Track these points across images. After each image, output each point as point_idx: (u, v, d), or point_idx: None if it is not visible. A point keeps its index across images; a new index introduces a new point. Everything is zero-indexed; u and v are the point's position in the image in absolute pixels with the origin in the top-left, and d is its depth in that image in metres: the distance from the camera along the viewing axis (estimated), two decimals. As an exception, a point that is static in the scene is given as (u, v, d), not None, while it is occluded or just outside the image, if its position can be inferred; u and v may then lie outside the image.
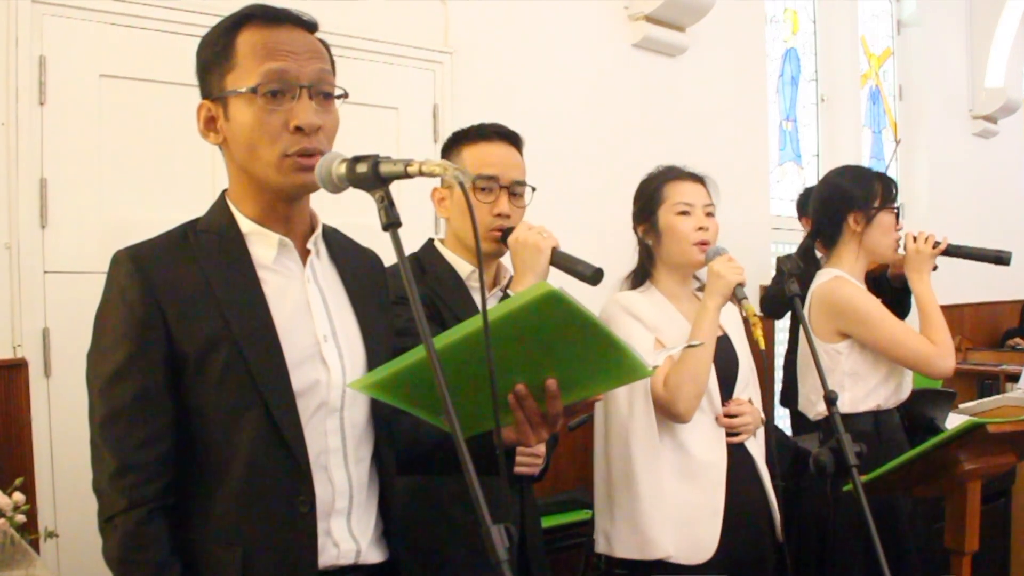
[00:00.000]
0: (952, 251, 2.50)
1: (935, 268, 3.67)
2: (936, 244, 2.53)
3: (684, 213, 2.19)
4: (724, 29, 4.54)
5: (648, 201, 2.25)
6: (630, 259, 2.37)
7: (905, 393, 2.50)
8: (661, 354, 1.92)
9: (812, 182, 5.77)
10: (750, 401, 2.26)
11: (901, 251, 2.59)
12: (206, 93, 1.34)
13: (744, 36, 4.80)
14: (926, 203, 6.15)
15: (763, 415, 2.26)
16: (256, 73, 1.27)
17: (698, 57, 4.41)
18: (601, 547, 2.19)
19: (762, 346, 2.05)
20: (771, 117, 5.27)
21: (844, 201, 2.56)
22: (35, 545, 2.08)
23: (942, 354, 2.40)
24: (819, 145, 5.86)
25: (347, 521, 1.35)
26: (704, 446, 2.15)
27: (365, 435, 1.40)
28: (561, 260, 1.89)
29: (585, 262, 1.87)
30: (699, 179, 2.26)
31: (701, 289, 2.30)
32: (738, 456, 2.19)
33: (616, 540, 2.15)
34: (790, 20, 5.65)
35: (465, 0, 3.52)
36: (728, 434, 2.18)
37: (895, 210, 2.51)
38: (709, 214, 2.22)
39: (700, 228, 2.19)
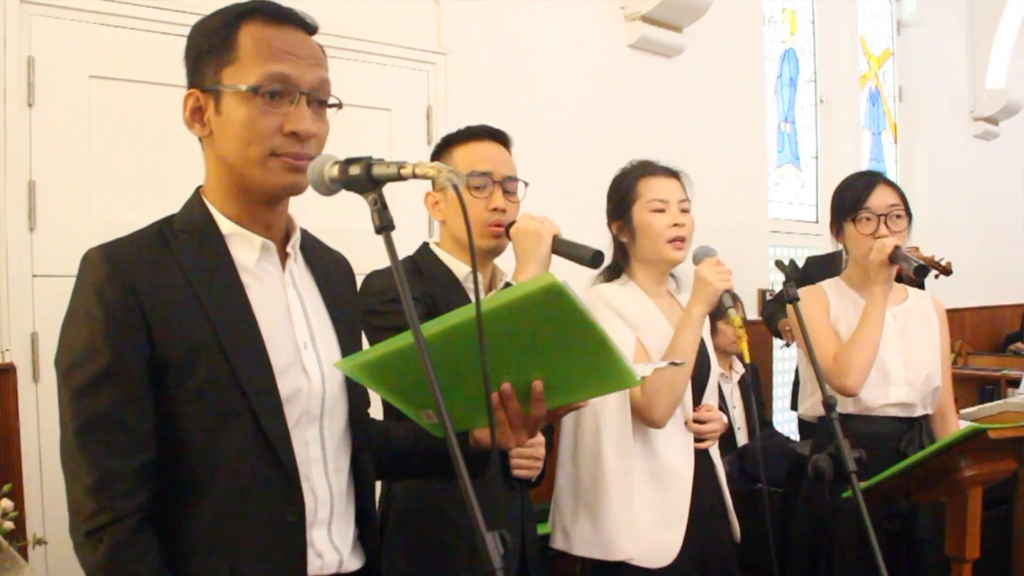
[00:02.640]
0: (894, 256, 2.41)
1: (948, 272, 3.63)
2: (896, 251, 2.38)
3: (658, 210, 2.14)
4: (722, 29, 4.52)
5: (622, 198, 2.20)
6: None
7: (876, 401, 2.39)
8: (649, 367, 1.90)
9: (811, 184, 5.75)
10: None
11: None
12: (197, 82, 1.28)
13: (742, 37, 4.78)
14: (926, 206, 6.12)
15: (726, 420, 2.26)
16: (258, 72, 1.23)
17: (695, 58, 4.39)
18: (559, 543, 2.16)
19: (747, 359, 2.01)
20: (769, 119, 5.26)
21: (832, 219, 2.57)
22: (23, 552, 2.06)
23: (838, 372, 2.32)
24: (818, 147, 5.84)
25: (328, 531, 1.33)
26: (673, 451, 2.12)
27: (343, 443, 1.38)
28: (562, 247, 1.89)
29: (585, 246, 1.87)
30: (673, 174, 2.21)
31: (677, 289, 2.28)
32: (701, 461, 2.18)
33: (576, 538, 2.12)
34: (788, 20, 5.63)
35: (459, 0, 3.49)
36: (695, 439, 2.17)
37: (855, 219, 2.44)
38: (684, 210, 2.16)
39: (675, 224, 2.14)
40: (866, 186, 2.47)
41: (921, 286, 3.85)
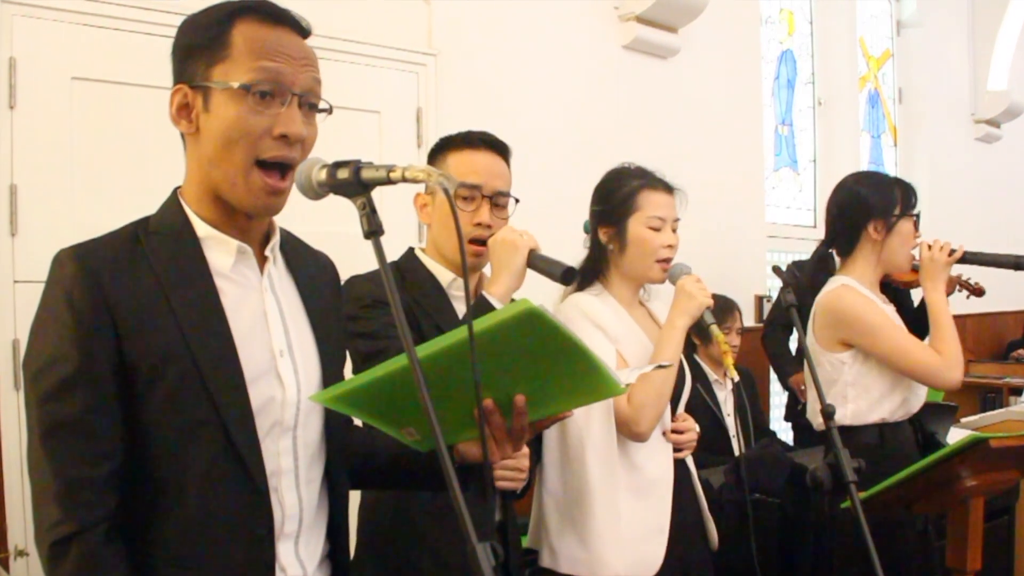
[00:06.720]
0: (969, 258, 2.44)
1: (981, 294, 3.63)
2: (952, 252, 2.48)
3: (656, 228, 2.12)
4: (718, 30, 4.49)
5: (619, 206, 2.16)
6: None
7: (914, 407, 2.42)
8: (633, 372, 1.88)
9: (809, 188, 5.72)
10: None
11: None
12: (185, 78, 1.26)
13: (738, 37, 4.75)
14: (927, 209, 6.04)
15: (698, 429, 2.26)
16: (251, 70, 1.21)
17: (691, 59, 4.36)
18: (546, 561, 2.13)
19: (733, 375, 2.05)
20: (766, 121, 5.23)
21: (864, 209, 2.47)
22: (5, 564, 2.04)
23: (948, 365, 2.34)
24: (816, 150, 5.81)
25: (295, 545, 1.30)
26: (654, 462, 2.12)
27: (317, 455, 1.34)
28: (536, 262, 1.87)
29: (558, 262, 1.84)
30: (672, 190, 2.18)
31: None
32: (679, 471, 2.18)
33: (563, 556, 2.10)
34: (786, 21, 5.60)
35: (449, 0, 3.46)
36: (673, 450, 2.17)
37: (914, 218, 2.44)
38: (674, 229, 2.16)
39: (668, 245, 2.12)
40: (907, 187, 2.48)
41: None
